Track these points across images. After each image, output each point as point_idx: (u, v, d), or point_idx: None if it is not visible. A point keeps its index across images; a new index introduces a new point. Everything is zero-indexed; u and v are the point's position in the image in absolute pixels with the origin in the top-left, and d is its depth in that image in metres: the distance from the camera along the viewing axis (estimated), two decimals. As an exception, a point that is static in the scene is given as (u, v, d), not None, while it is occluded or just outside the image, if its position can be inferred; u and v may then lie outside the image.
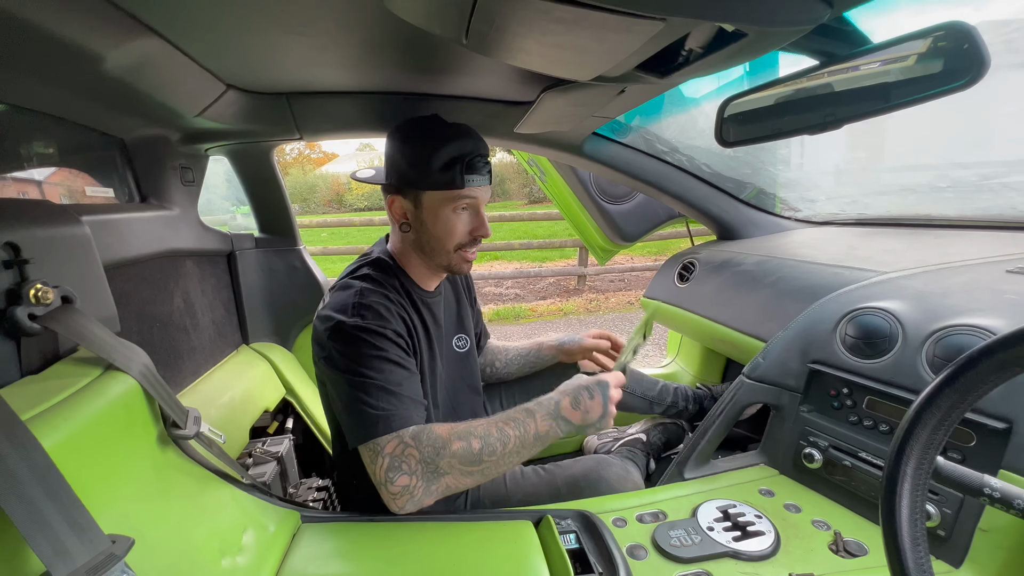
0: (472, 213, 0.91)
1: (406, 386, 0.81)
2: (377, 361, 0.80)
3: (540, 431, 0.81)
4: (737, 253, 1.44)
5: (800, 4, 0.50)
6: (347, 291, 0.87)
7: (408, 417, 0.78)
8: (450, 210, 0.88)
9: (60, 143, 0.98)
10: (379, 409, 0.77)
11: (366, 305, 0.84)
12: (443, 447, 0.76)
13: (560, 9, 0.47)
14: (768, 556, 0.71)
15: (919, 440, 0.43)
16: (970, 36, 0.57)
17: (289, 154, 25.09)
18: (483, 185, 0.89)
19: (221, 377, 1.23)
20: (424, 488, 0.76)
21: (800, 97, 0.83)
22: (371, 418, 0.77)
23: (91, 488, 0.54)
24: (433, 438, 0.77)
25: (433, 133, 0.87)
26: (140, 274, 1.01)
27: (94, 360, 0.66)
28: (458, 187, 0.86)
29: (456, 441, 0.77)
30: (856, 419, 0.85)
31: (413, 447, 0.76)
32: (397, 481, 0.75)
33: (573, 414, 0.83)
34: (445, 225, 0.89)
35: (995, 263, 0.94)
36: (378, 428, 0.76)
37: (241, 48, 0.80)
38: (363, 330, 0.81)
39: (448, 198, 0.87)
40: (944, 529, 0.68)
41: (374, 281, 0.90)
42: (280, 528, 0.74)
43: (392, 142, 0.91)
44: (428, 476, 0.76)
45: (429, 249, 0.93)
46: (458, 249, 0.92)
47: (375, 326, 0.82)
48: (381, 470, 0.75)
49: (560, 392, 0.85)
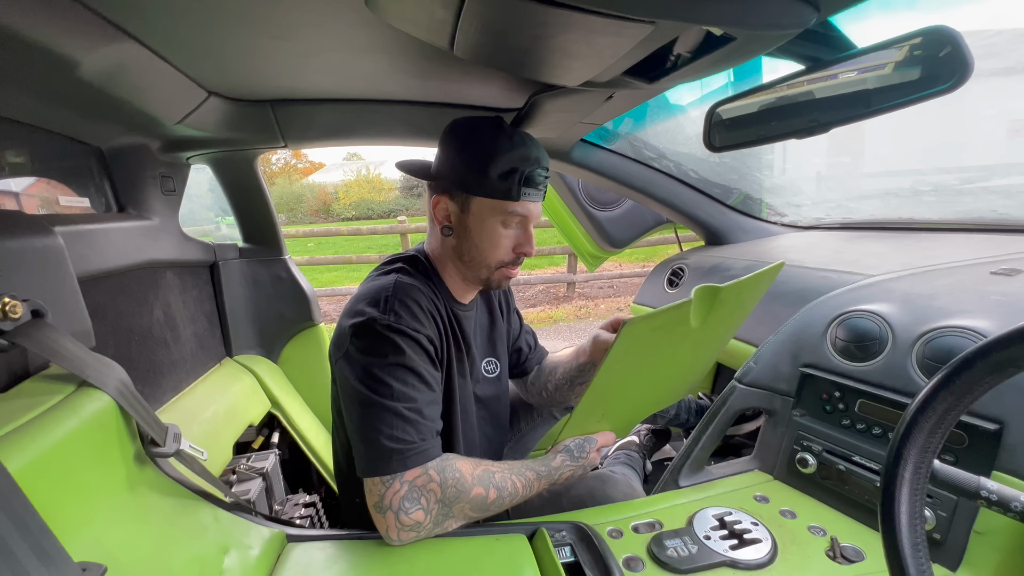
0: (521, 229, 0.85)
1: (428, 411, 0.75)
2: (402, 372, 0.73)
3: (539, 490, 0.83)
4: (725, 258, 1.44)
5: (787, 8, 0.50)
6: (381, 282, 0.80)
7: (428, 451, 0.72)
8: (499, 222, 0.82)
9: (33, 152, 0.95)
10: (397, 441, 0.70)
11: (402, 301, 0.77)
12: (464, 491, 0.72)
13: (548, 12, 0.46)
14: (766, 564, 0.70)
15: (916, 444, 0.43)
16: (954, 40, 0.58)
17: (275, 163, 24.92)
18: (538, 200, 0.83)
19: (203, 391, 1.20)
20: (431, 529, 0.72)
21: (786, 103, 0.83)
22: (386, 451, 0.70)
23: (61, 513, 0.51)
24: (457, 478, 0.72)
25: (497, 137, 0.80)
26: (117, 286, 0.98)
27: (66, 377, 0.63)
28: (513, 199, 0.80)
29: (477, 487, 0.74)
30: (849, 422, 0.85)
31: (436, 483, 0.71)
32: (412, 514, 0.69)
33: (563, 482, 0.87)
34: (491, 237, 0.83)
35: (979, 265, 0.95)
36: (392, 464, 0.70)
37: (223, 54, 0.78)
38: (394, 331, 0.74)
39: (499, 209, 0.81)
40: (940, 532, 0.68)
41: (410, 276, 0.83)
42: (264, 549, 0.71)
43: (450, 140, 0.83)
44: (439, 518, 0.72)
45: (469, 259, 0.86)
46: (500, 267, 0.86)
47: (409, 328, 0.75)
48: (396, 497, 0.69)
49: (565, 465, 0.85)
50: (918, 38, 0.64)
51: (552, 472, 0.83)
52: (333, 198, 18.24)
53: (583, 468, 0.87)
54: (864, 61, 0.69)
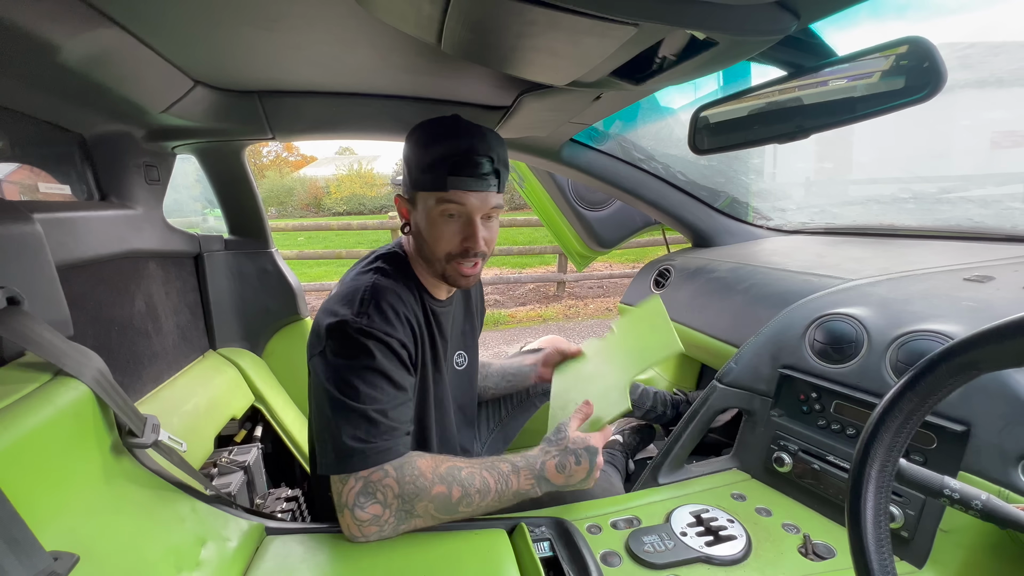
0: (462, 221, 0.82)
1: (394, 413, 0.75)
2: (371, 375, 0.74)
3: (521, 489, 0.77)
4: (711, 260, 1.46)
5: (768, 15, 0.51)
6: (359, 282, 0.81)
7: (390, 450, 0.72)
8: (437, 214, 0.81)
9: (13, 138, 0.93)
10: (359, 441, 0.71)
11: (377, 304, 0.77)
12: (424, 489, 0.71)
13: (533, 11, 0.47)
14: (740, 560, 0.71)
15: (883, 443, 0.44)
16: (928, 51, 0.60)
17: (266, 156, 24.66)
18: (474, 190, 0.79)
19: (185, 383, 1.18)
20: (394, 526, 0.71)
21: (771, 108, 0.85)
22: (347, 450, 0.70)
23: (34, 502, 0.51)
24: (416, 475, 0.71)
25: (431, 130, 0.81)
26: (98, 275, 0.97)
27: (42, 365, 0.62)
28: (442, 188, 0.79)
29: (438, 485, 0.72)
30: (825, 423, 0.87)
31: (393, 479, 0.71)
32: (368, 508, 0.70)
33: (556, 477, 0.78)
34: (433, 230, 0.82)
35: (953, 271, 0.97)
36: (353, 463, 0.70)
37: (209, 43, 0.77)
38: (366, 334, 0.75)
39: (434, 200, 0.80)
40: (907, 530, 0.70)
41: (388, 276, 0.84)
42: (242, 541, 0.71)
43: (406, 140, 0.86)
44: (401, 514, 0.71)
45: (424, 254, 0.86)
46: (450, 260, 0.84)
47: (380, 332, 0.75)
48: (351, 492, 0.70)
49: (545, 452, 0.80)
50: (900, 47, 0.65)
51: (531, 461, 0.79)
52: (324, 192, 18.07)
53: (570, 452, 0.79)
54: (844, 69, 0.70)
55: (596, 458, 0.79)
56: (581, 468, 0.78)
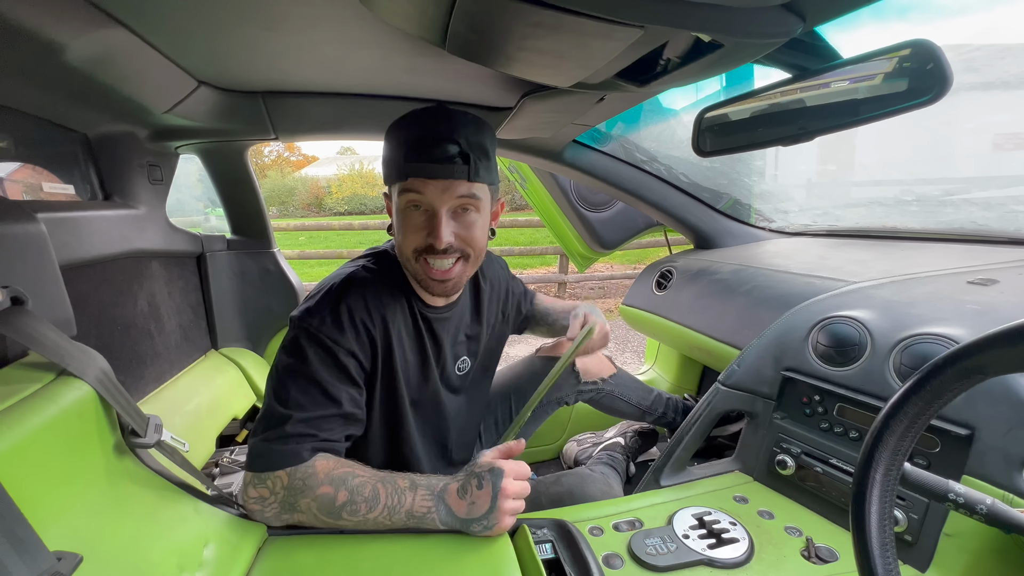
0: (423, 214, 0.76)
1: (316, 423, 0.74)
2: (304, 382, 0.74)
3: (415, 510, 0.71)
4: (713, 262, 1.46)
5: (773, 17, 0.51)
6: (334, 276, 0.81)
7: (298, 455, 0.72)
8: (401, 206, 0.76)
9: (17, 137, 0.94)
10: (268, 442, 0.72)
11: (334, 306, 0.77)
12: (311, 488, 0.71)
13: (539, 13, 0.47)
14: (742, 563, 0.71)
15: (887, 447, 0.44)
16: (934, 54, 0.59)
17: (268, 156, 24.67)
18: (435, 177, 0.72)
19: (187, 383, 1.19)
20: (276, 512, 0.72)
21: (774, 110, 0.84)
22: (256, 449, 0.73)
23: (37, 502, 0.51)
24: (309, 473, 0.71)
25: (401, 118, 0.77)
26: (101, 275, 0.97)
27: (46, 365, 0.62)
28: (401, 178, 0.74)
29: (325, 486, 0.70)
30: (827, 426, 0.86)
31: (285, 473, 0.72)
32: (258, 489, 0.72)
33: (458, 503, 0.70)
34: (399, 223, 0.78)
35: (957, 274, 0.97)
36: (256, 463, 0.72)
37: (213, 44, 0.78)
38: (311, 338, 0.75)
39: (398, 191, 0.76)
40: (911, 534, 0.70)
41: (368, 273, 0.82)
42: (244, 542, 0.71)
43: None
44: (285, 504, 0.72)
45: (400, 253, 0.82)
46: (418, 258, 0.78)
47: (328, 339, 0.75)
48: (247, 474, 0.72)
49: (455, 476, 0.74)
50: (904, 50, 0.65)
51: (434, 481, 0.73)
52: (326, 192, 18.07)
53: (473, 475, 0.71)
54: (849, 71, 0.70)
55: (501, 481, 0.70)
56: (484, 493, 0.69)
